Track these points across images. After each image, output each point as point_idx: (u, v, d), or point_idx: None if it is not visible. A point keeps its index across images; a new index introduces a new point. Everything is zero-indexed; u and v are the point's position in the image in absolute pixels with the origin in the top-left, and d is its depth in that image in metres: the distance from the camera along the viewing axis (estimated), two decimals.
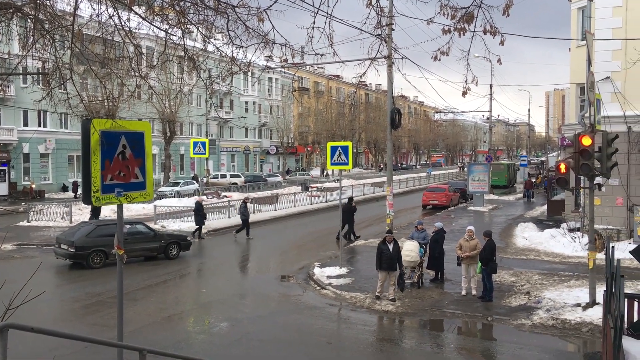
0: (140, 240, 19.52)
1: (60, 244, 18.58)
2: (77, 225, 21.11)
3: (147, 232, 20.06)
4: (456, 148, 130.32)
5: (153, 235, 19.99)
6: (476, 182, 36.66)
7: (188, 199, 38.16)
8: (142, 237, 19.70)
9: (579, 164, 12.65)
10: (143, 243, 19.59)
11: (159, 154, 54.93)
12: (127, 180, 6.08)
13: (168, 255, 19.97)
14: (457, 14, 6.20)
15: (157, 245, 19.84)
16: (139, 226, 20.36)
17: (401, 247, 15.11)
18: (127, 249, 17.89)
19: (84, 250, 17.92)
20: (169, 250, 20.06)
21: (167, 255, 19.96)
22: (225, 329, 12.29)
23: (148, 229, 20.42)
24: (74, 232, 19.06)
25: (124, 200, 6.05)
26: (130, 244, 18.44)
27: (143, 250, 19.62)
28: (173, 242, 20.36)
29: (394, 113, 19.25)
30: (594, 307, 12.63)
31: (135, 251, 19.13)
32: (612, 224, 21.46)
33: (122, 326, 6.16)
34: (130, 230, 19.38)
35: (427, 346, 11.58)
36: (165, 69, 35.87)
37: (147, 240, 19.72)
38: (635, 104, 19.52)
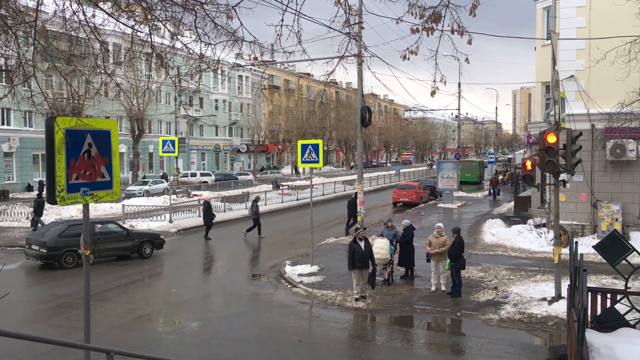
0: (113, 240, 19.33)
1: (30, 245, 18.22)
2: (47, 225, 20.72)
3: (120, 231, 19.82)
4: (426, 146, 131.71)
5: (126, 235, 19.79)
6: (445, 179, 37.10)
7: (157, 198, 37.74)
8: (115, 237, 19.46)
9: (545, 161, 12.92)
10: (116, 242, 19.41)
11: (127, 153, 54.07)
12: (93, 179, 5.98)
13: (141, 254, 19.85)
14: (425, 13, 6.27)
15: (130, 244, 19.68)
16: (111, 225, 20.08)
17: (372, 244, 15.22)
18: (100, 248, 18.13)
19: (57, 251, 17.66)
20: (143, 249, 19.94)
21: (141, 254, 19.83)
22: (195, 328, 12.19)
23: (121, 228, 20.20)
24: (44, 232, 18.75)
25: (90, 199, 5.95)
26: (103, 244, 18.73)
27: (116, 249, 19.45)
28: (146, 240, 20.20)
29: (364, 111, 19.36)
30: (559, 301, 12.92)
31: (108, 250, 19.11)
32: (576, 219, 21.97)
33: (89, 327, 6.06)
34: (103, 230, 19.28)
35: (398, 342, 11.69)
36: (133, 66, 35.37)
37: (120, 240, 19.50)
38: (598, 102, 20.00)
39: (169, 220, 27.11)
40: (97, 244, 18.37)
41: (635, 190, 21.22)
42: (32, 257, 18.12)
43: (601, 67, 15.71)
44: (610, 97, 16.89)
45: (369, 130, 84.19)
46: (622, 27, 17.73)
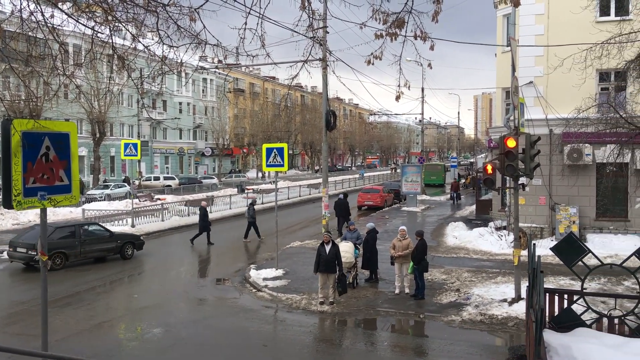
0: (98, 241, 19.53)
1: (15, 248, 18.12)
2: (30, 227, 20.67)
3: (104, 233, 20.03)
4: (390, 150, 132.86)
5: (109, 236, 19.96)
6: (409, 183, 37.52)
7: (119, 202, 37.06)
8: (100, 238, 19.68)
9: (505, 165, 13.20)
10: (101, 244, 19.58)
11: (87, 156, 52.95)
12: (51, 183, 5.84)
13: (124, 255, 20.06)
14: (388, 19, 6.34)
15: (114, 245, 19.89)
16: (95, 227, 20.28)
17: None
18: (86, 249, 18.55)
19: (49, 252, 17.00)
20: (125, 250, 20.17)
21: (123, 256, 20.04)
22: (158, 334, 12.00)
23: (104, 230, 20.39)
24: (31, 235, 18.37)
25: (48, 204, 5.81)
26: (89, 245, 19.08)
27: (101, 250, 19.61)
28: (128, 242, 20.46)
29: (329, 115, 19.43)
30: (519, 302, 13.20)
31: (94, 252, 19.35)
32: (535, 222, 22.51)
33: (47, 334, 5.92)
34: (88, 231, 19.51)
35: (362, 345, 11.76)
36: (94, 68, 34.69)
37: (104, 241, 19.69)
38: (556, 108, 20.56)
39: (131, 224, 26.64)
40: (83, 246, 18.81)
41: (592, 193, 21.87)
42: (19, 259, 18.05)
43: (559, 73, 16.16)
44: (568, 103, 17.38)
45: (334, 134, 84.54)
46: (578, 35, 18.29)
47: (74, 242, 18.62)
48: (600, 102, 17.74)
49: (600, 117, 15.66)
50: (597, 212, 21.92)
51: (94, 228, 20.11)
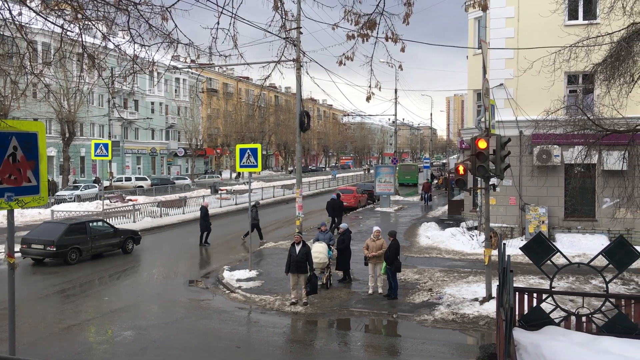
0: (105, 237, 20.74)
1: (30, 244, 19.06)
2: (42, 225, 21.15)
3: (109, 229, 21.16)
4: (364, 150, 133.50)
5: (114, 232, 21.17)
6: (383, 183, 37.75)
7: (89, 203, 36.46)
8: (106, 234, 20.85)
9: (476, 166, 13.38)
10: (107, 239, 20.79)
11: (57, 156, 51.97)
12: (19, 184, 5.72)
13: (125, 249, 21.31)
14: (360, 20, 6.38)
15: (118, 240, 21.17)
16: (100, 223, 21.28)
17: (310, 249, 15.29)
18: (95, 245, 20.23)
19: (64, 248, 18.91)
20: (126, 245, 21.43)
21: (124, 250, 21.30)
22: (129, 337, 11.83)
23: (110, 226, 21.50)
24: (44, 231, 19.58)
25: (15, 205, 5.69)
26: (98, 240, 20.38)
27: (107, 245, 20.82)
28: (129, 237, 21.67)
29: (303, 115, 19.44)
30: (490, 301, 13.38)
31: (102, 247, 20.61)
32: (506, 222, 22.85)
33: (14, 338, 5.79)
34: (95, 227, 20.67)
35: (335, 345, 11.78)
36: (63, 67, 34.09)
37: (110, 237, 20.91)
38: (526, 110, 20.91)
39: None
40: (93, 241, 20.11)
41: (560, 194, 22.30)
42: (37, 255, 19.08)
43: (528, 76, 16.42)
44: (537, 105, 17.68)
45: (308, 134, 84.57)
46: (548, 38, 18.62)
47: (85, 239, 19.80)
48: (568, 104, 18.08)
49: (568, 119, 15.95)
50: (566, 212, 22.36)
51: (100, 225, 21.18)
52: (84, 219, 22.41)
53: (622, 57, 12.77)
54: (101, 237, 20.51)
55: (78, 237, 19.54)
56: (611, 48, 13.18)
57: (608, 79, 13.46)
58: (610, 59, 13.22)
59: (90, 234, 20.01)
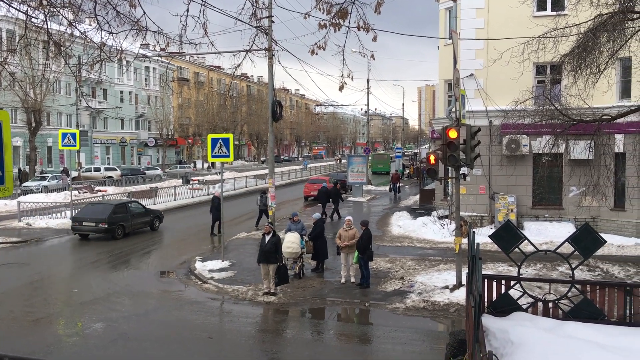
0: (140, 216, 23.70)
1: (82, 222, 22.21)
2: (89, 206, 24.33)
3: (142, 209, 24.28)
4: (337, 140, 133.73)
5: (145, 212, 24.29)
6: (355, 173, 37.87)
7: (57, 194, 35.75)
8: (140, 214, 23.82)
9: (447, 156, 13.52)
10: (141, 217, 23.81)
11: (23, 146, 50.75)
12: None
13: (152, 227, 24.31)
14: (332, 9, 6.36)
15: (149, 219, 24.22)
16: (135, 204, 24.38)
17: (283, 239, 15.32)
18: (134, 222, 23.21)
19: (113, 225, 22.00)
20: (154, 222, 24.41)
21: (152, 227, 24.29)
22: (99, 329, 11.70)
23: (142, 206, 24.64)
24: (93, 211, 22.77)
25: None
26: (135, 219, 23.37)
27: (141, 223, 23.80)
28: (156, 216, 24.68)
29: (275, 105, 19.36)
30: (460, 289, 13.60)
31: (138, 224, 23.63)
32: (476, 211, 23.20)
33: None
34: (133, 207, 23.63)
35: (308, 334, 11.84)
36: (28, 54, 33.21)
37: (143, 215, 23.92)
38: (495, 100, 21.19)
39: (70, 217, 25.76)
40: (132, 219, 23.11)
41: (528, 183, 22.72)
42: (88, 231, 22.21)
43: (498, 66, 16.62)
44: (507, 95, 17.93)
45: (281, 124, 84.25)
46: (517, 29, 18.86)
47: (127, 217, 22.82)
48: (537, 94, 18.40)
49: (536, 109, 16.22)
50: (534, 201, 22.80)
51: (135, 205, 24.22)
52: (125, 200, 25.38)
53: (588, 47, 13.02)
54: (137, 216, 23.51)
55: (122, 216, 22.61)
56: (578, 39, 13.42)
57: (575, 70, 13.71)
58: (577, 50, 13.46)
59: (129, 213, 23.04)
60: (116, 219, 22.26)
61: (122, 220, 22.53)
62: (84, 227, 22.19)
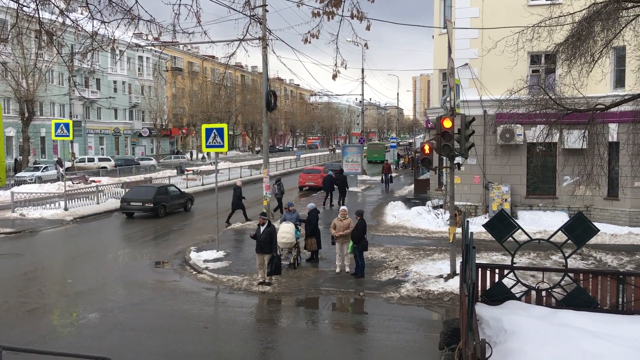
0: (177, 198, 26.77)
1: (129, 202, 25.32)
2: (137, 187, 28.09)
3: (177, 192, 27.53)
4: (331, 130, 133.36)
5: (180, 194, 27.45)
6: (350, 163, 37.85)
7: (50, 185, 35.62)
8: (177, 196, 26.95)
9: (441, 145, 13.53)
10: (178, 199, 26.85)
11: (16, 137, 50.44)
12: None
13: (186, 208, 27.29)
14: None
15: (183, 201, 27.31)
16: (173, 187, 27.67)
17: (277, 229, 15.31)
18: (172, 203, 26.21)
19: (157, 205, 25.10)
20: (187, 204, 27.47)
21: (185, 208, 27.25)
22: (94, 319, 11.71)
23: (178, 189, 27.92)
24: (140, 192, 26.07)
25: None
26: (173, 200, 26.40)
27: (178, 204, 26.81)
28: (189, 199, 27.76)
29: (270, 95, 19.29)
30: (454, 278, 13.66)
31: (175, 205, 26.58)
32: (470, 200, 23.26)
33: None
34: (171, 190, 26.89)
35: (303, 323, 11.88)
36: (20, 44, 32.97)
37: (179, 198, 26.97)
38: (490, 89, 21.18)
39: (64, 207, 25.71)
40: (171, 200, 26.14)
41: (522, 172, 22.77)
42: (136, 210, 25.30)
43: (492, 56, 16.61)
44: (501, 85, 17.92)
45: (275, 114, 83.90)
46: (511, 18, 18.84)
47: (167, 198, 25.92)
48: (531, 84, 18.36)
49: (531, 98, 16.22)
50: (528, 190, 22.87)
51: (173, 188, 27.37)
52: (165, 184, 28.91)
53: (583, 37, 13.01)
54: (175, 198, 26.58)
55: (164, 197, 25.71)
56: (573, 28, 13.41)
57: (569, 59, 13.71)
58: (571, 39, 13.45)
59: (169, 195, 26.19)
60: (159, 200, 25.35)
61: (164, 201, 25.64)
62: (131, 206, 25.24)
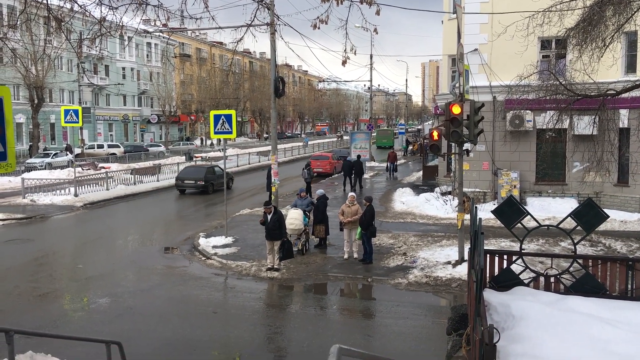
0: (220, 177, 28.61)
1: (183, 180, 28.98)
2: (188, 167, 32.01)
3: (221, 172, 28.25)
4: (340, 117, 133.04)
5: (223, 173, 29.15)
6: (358, 149, 37.77)
7: (61, 171, 35.86)
8: (220, 175, 28.68)
9: (450, 131, 13.47)
10: (221, 179, 27.44)
11: (25, 123, 50.71)
12: None
13: (228, 186, 28.30)
14: None
15: (228, 179, 28.18)
16: (217, 168, 30.71)
17: (286, 215, 15.36)
18: (216, 182, 29.25)
19: (207, 183, 28.71)
20: (229, 183, 30.00)
21: (228, 187, 27.44)
22: (105, 304, 11.84)
23: (221, 169, 29.68)
24: (191, 172, 29.75)
25: None
26: (218, 179, 29.08)
27: (221, 183, 27.16)
28: (230, 178, 30.61)
29: (278, 81, 19.21)
30: (462, 264, 13.67)
31: (219, 184, 28.54)
32: (479, 187, 23.18)
33: None
34: (217, 170, 30.19)
35: (312, 309, 11.95)
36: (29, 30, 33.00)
37: (222, 177, 27.07)
38: (499, 75, 20.98)
39: (74, 194, 25.89)
40: (217, 179, 29.30)
41: (532, 158, 22.64)
42: (188, 187, 28.91)
43: (502, 41, 16.45)
44: (511, 70, 17.74)
45: (283, 101, 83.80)
46: (522, 2, 18.53)
47: (214, 177, 29.44)
48: (541, 69, 18.19)
49: (541, 84, 16.07)
50: (537, 177, 22.75)
51: (217, 169, 30.44)
52: (212, 165, 32.37)
53: (594, 21, 12.86)
54: (219, 177, 28.95)
55: (211, 176, 29.25)
56: (584, 12, 13.24)
57: (580, 44, 13.56)
58: (582, 24, 13.30)
59: (215, 174, 29.50)
60: (208, 179, 28.82)
61: (212, 179, 29.07)
62: (185, 184, 28.73)
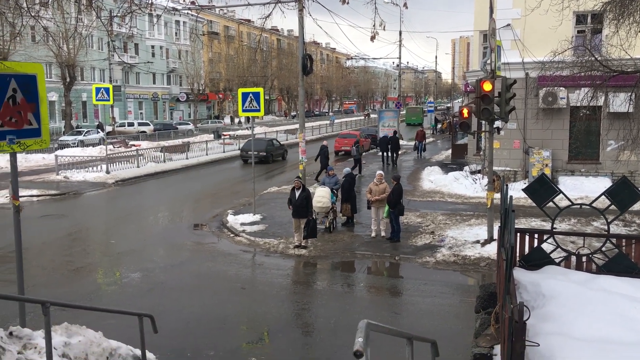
0: (277, 149, 34.19)
1: (247, 152, 30.30)
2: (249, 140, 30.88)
3: (279, 144, 35.36)
4: (368, 95, 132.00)
5: (280, 146, 35.13)
6: (386, 128, 37.55)
7: (92, 149, 36.52)
8: (278, 147, 34.44)
9: (480, 109, 13.23)
10: (278, 150, 34.32)
11: (58, 101, 51.63)
12: (20, 127, 5.69)
13: (283, 157, 34.59)
14: None
15: (282, 151, 34.85)
16: (275, 141, 35.41)
17: (313, 193, 15.38)
18: (274, 153, 33.85)
19: (267, 153, 32.29)
20: (284, 154, 34.87)
21: (283, 157, 34.59)
22: (137, 279, 12.10)
23: (278, 141, 36.06)
24: (257, 144, 28.86)
25: (17, 148, 5.69)
26: (276, 150, 33.86)
27: (278, 154, 34.15)
28: (285, 150, 35.20)
29: (306, 59, 19.10)
30: (491, 243, 13.53)
31: (277, 155, 33.86)
32: (509, 165, 22.84)
33: (22, 278, 5.93)
34: (274, 143, 34.92)
35: (339, 286, 12.01)
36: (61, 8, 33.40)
37: (279, 149, 34.54)
38: (532, 51, 20.47)
39: (106, 171, 26.38)
40: (275, 151, 33.51)
41: (565, 137, 22.17)
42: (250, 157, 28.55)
43: (536, 15, 16.02)
44: (544, 46, 17.26)
45: (311, 79, 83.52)
46: None
47: (273, 149, 33.49)
48: (576, 44, 17.70)
49: (575, 60, 15.61)
50: (570, 155, 22.30)
51: (275, 142, 35.16)
52: (271, 137, 38.35)
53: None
54: (277, 149, 34.05)
55: (271, 148, 33.23)
56: None
57: (617, 18, 13.08)
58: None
59: (273, 146, 33.78)
60: (268, 150, 32.56)
61: (271, 151, 32.91)
62: (249, 154, 28.17)
